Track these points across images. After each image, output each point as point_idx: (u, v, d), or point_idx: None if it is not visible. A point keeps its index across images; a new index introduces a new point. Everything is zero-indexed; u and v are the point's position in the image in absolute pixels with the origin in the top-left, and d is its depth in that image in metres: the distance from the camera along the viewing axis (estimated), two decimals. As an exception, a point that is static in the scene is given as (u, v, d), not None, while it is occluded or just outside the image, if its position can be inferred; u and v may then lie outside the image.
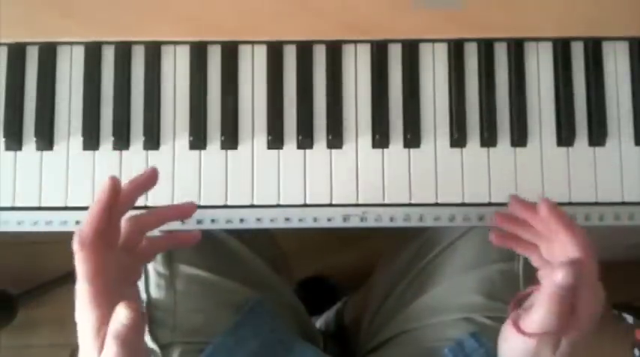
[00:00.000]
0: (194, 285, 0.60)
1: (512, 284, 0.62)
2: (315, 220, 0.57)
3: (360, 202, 0.57)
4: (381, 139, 0.57)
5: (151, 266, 0.60)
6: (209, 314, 0.60)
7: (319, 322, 1.10)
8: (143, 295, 0.59)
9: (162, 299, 0.59)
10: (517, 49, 0.58)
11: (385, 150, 0.57)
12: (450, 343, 0.60)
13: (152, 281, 0.59)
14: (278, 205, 0.57)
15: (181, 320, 0.58)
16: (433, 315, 0.64)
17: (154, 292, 0.59)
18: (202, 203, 0.56)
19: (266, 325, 0.60)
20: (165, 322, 0.58)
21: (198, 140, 0.57)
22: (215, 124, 0.57)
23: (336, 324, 1.04)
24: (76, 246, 0.44)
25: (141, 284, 0.59)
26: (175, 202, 0.56)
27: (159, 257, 0.60)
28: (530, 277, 0.62)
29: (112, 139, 0.57)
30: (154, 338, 0.58)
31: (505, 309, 0.61)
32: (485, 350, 0.58)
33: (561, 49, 0.58)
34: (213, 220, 0.57)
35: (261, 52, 0.58)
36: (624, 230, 0.60)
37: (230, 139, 0.57)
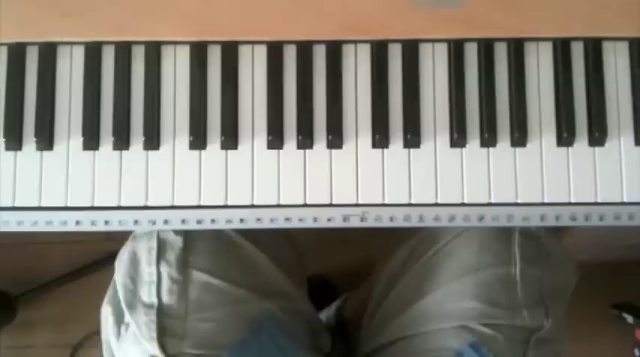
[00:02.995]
0: (207, 293, 0.59)
1: (510, 289, 0.61)
2: (315, 220, 0.57)
3: (360, 202, 0.57)
4: (381, 139, 0.57)
5: (164, 269, 0.59)
6: (220, 324, 0.59)
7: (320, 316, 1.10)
8: (154, 300, 0.58)
9: (173, 306, 0.58)
10: (517, 49, 0.58)
11: (385, 150, 0.57)
12: (449, 353, 0.60)
13: (164, 286, 0.58)
14: (278, 205, 0.56)
15: (191, 330, 0.58)
16: (430, 322, 0.63)
17: (166, 298, 0.58)
18: (202, 203, 0.56)
19: (272, 343, 0.60)
20: (174, 331, 0.57)
21: (198, 140, 0.57)
22: (215, 124, 0.57)
23: (336, 320, 1.04)
24: None
25: (152, 288, 0.59)
26: (175, 202, 0.56)
27: (173, 260, 0.59)
28: (528, 280, 0.61)
29: (112, 139, 0.57)
30: (162, 347, 0.57)
31: (503, 315, 0.60)
32: None
33: (561, 49, 0.58)
34: (213, 220, 0.57)
35: (261, 52, 0.58)
36: (624, 230, 0.60)
37: (230, 139, 0.57)
